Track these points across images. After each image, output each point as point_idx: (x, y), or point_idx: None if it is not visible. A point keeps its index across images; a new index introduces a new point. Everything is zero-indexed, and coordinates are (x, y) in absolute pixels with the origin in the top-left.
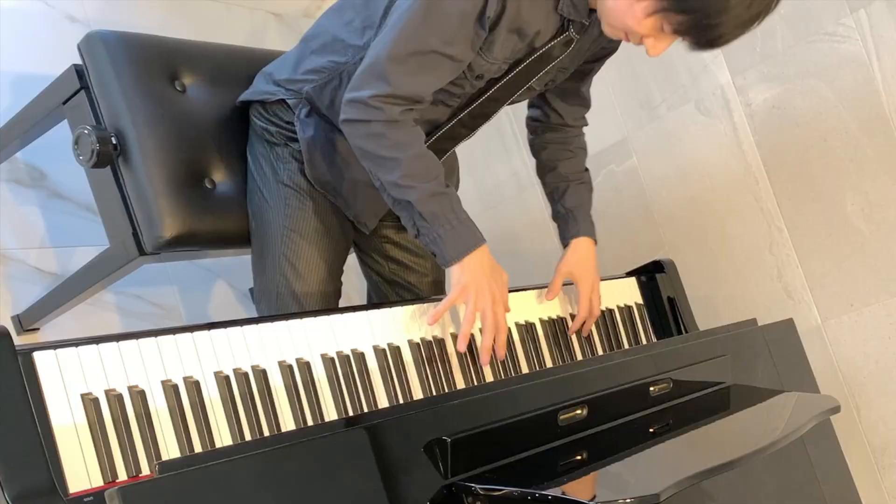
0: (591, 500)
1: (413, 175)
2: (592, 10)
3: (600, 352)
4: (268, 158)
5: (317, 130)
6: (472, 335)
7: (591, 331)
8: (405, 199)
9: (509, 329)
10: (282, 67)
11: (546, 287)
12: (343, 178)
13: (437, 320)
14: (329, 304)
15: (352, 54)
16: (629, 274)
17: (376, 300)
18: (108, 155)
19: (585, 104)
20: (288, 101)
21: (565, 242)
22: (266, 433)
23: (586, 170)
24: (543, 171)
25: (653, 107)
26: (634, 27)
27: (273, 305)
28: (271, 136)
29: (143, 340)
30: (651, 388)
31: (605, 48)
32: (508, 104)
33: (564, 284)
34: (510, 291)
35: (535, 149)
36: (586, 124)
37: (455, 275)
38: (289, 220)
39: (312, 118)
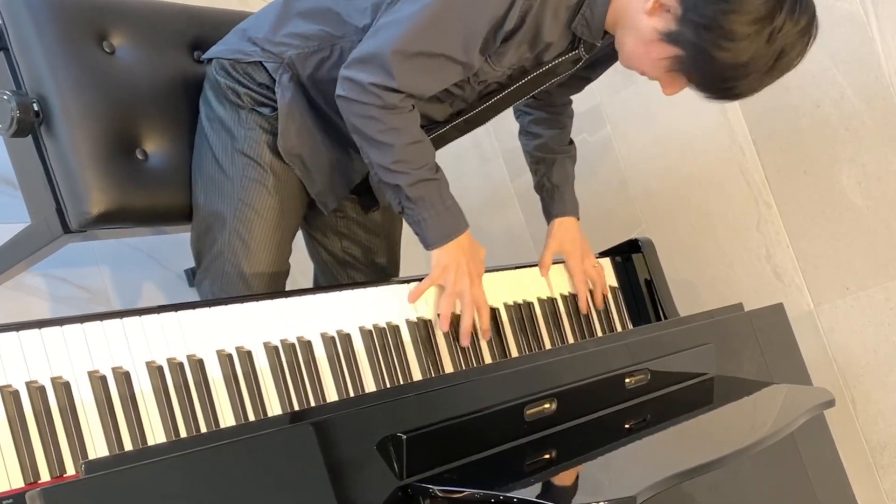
0: (562, 502)
1: (405, 161)
2: (606, 33)
3: (571, 340)
4: (227, 123)
5: (296, 98)
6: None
7: (559, 316)
8: (394, 182)
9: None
10: (259, 25)
11: (517, 268)
12: (314, 154)
13: (418, 298)
14: (278, 286)
15: (351, 32)
16: (603, 254)
17: (323, 283)
18: (29, 123)
19: (578, 91)
20: (266, 63)
21: (549, 219)
22: (203, 429)
23: (571, 142)
24: (529, 139)
25: (629, 72)
26: (650, 73)
27: (218, 285)
28: (237, 98)
29: (67, 327)
30: (627, 380)
31: (608, 55)
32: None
33: (554, 263)
34: None
35: (521, 115)
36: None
37: (436, 256)
38: (245, 194)
39: (292, 84)
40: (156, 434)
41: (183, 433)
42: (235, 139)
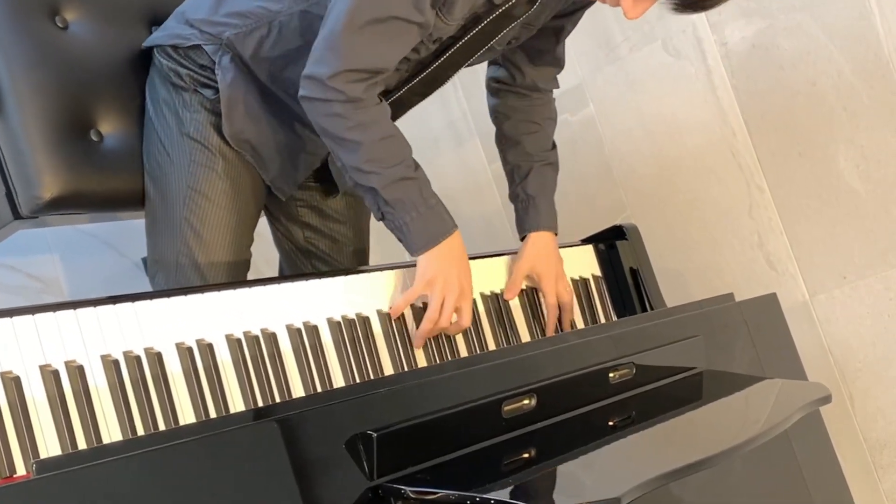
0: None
1: (376, 160)
2: None
3: (551, 332)
4: (172, 105)
5: (238, 80)
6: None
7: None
8: (368, 184)
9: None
10: (197, 6)
11: (494, 256)
12: (264, 137)
13: (399, 314)
14: (237, 276)
15: (288, 3)
16: (585, 241)
17: (289, 273)
18: None
19: (558, 65)
20: (205, 46)
21: (522, 234)
22: (161, 427)
23: (554, 146)
24: (505, 144)
25: (613, 47)
26: None
27: (172, 277)
28: (179, 80)
29: (17, 319)
30: (611, 375)
31: (578, 1)
32: (466, 66)
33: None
34: None
35: (497, 116)
36: (557, 87)
37: (422, 265)
38: (194, 180)
39: (234, 66)
40: (111, 432)
41: (140, 431)
42: (181, 122)
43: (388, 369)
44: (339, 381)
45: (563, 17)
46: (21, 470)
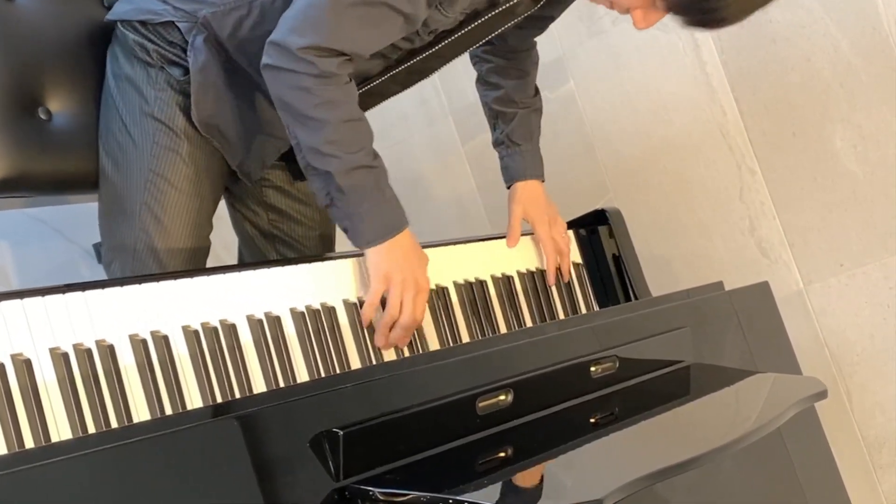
0: None
1: (338, 142)
2: None
3: (529, 323)
4: (135, 82)
5: (211, 62)
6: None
7: (520, 295)
8: (324, 168)
9: None
10: None
11: (468, 242)
12: (233, 122)
13: (370, 321)
14: (197, 264)
15: None
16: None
17: (249, 259)
18: None
19: (541, 33)
20: (178, 24)
21: (509, 182)
22: (114, 424)
23: (537, 91)
24: (486, 88)
25: (595, 19)
26: (621, 1)
27: (129, 265)
28: (146, 54)
29: None
30: (592, 369)
31: None
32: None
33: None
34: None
35: (478, 62)
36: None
37: (373, 260)
38: (156, 163)
39: (206, 48)
40: (60, 430)
41: (91, 429)
42: (145, 100)
43: (356, 363)
44: (302, 376)
45: (551, 6)
46: None
